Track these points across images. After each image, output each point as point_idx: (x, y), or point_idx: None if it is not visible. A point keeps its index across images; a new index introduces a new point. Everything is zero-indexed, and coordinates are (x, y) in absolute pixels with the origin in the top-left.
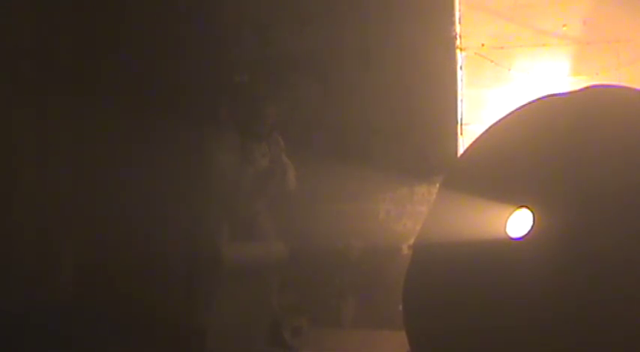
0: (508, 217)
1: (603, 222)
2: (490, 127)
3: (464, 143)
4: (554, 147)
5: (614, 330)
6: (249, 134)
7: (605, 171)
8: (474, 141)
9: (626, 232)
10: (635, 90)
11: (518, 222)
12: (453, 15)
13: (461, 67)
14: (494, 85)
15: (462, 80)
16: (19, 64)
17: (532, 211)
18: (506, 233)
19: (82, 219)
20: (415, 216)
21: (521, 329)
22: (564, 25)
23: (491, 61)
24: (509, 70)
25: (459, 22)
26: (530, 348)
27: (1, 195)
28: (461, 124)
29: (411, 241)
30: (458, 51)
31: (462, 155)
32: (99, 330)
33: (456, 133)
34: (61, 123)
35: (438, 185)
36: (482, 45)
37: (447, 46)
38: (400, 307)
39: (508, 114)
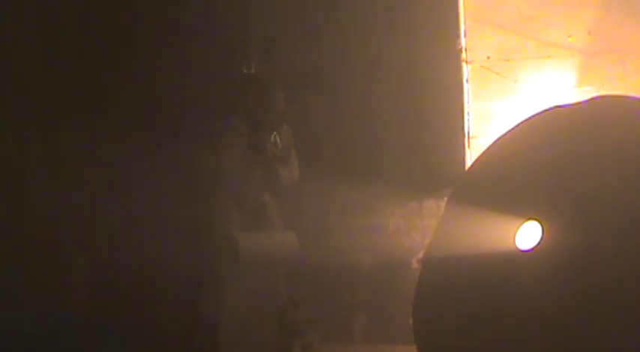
0: (517, 230)
1: (612, 233)
2: (497, 140)
3: (471, 156)
4: (562, 159)
5: (625, 342)
6: (260, 124)
7: (614, 182)
8: (482, 154)
9: (636, 244)
10: None
11: (527, 235)
12: (458, 28)
13: (467, 80)
14: (501, 98)
15: (468, 93)
16: (27, 75)
17: (541, 223)
18: (515, 245)
19: (92, 231)
20: (424, 230)
21: (531, 342)
22: (569, 36)
23: (497, 74)
24: (515, 82)
25: (465, 35)
26: None
27: (12, 209)
28: (468, 137)
29: (421, 255)
30: (464, 64)
31: (470, 168)
32: (111, 343)
33: (464, 146)
34: (71, 134)
35: (446, 198)
36: (488, 58)
37: (452, 59)
38: (410, 321)
39: (515, 127)
